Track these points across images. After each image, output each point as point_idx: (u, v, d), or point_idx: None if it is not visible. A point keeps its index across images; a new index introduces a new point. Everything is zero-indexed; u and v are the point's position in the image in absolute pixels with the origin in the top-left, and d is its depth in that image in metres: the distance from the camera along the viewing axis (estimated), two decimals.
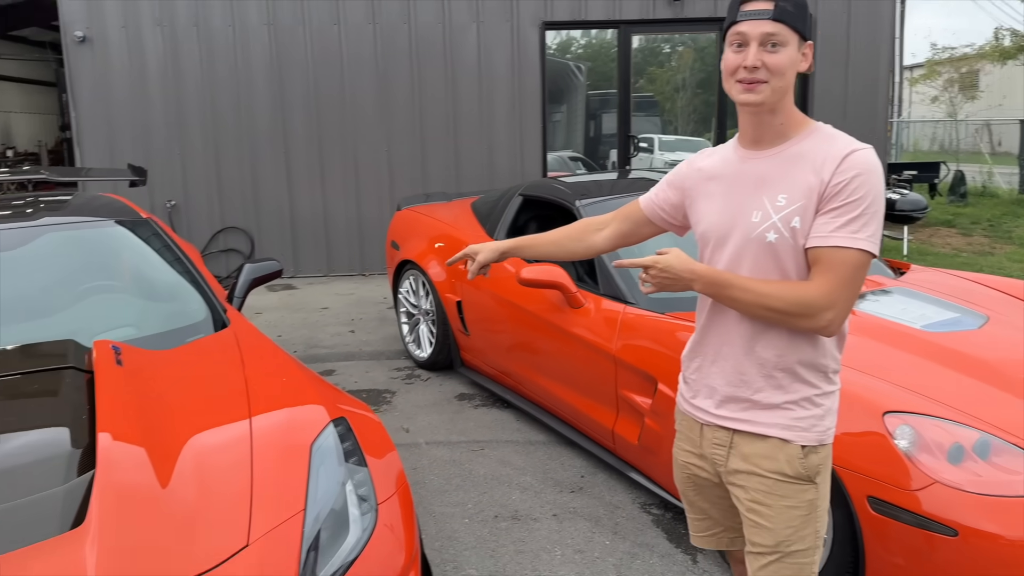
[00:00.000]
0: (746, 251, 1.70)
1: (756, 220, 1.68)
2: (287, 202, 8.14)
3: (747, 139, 1.76)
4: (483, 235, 4.78)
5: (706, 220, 1.80)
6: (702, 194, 1.82)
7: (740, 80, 1.64)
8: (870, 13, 8.35)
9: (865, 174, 1.60)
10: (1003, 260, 8.95)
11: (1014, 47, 26.15)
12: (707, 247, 1.81)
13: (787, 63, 1.64)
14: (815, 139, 1.69)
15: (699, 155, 1.91)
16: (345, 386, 4.90)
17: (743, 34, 1.63)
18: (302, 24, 7.90)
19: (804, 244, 1.64)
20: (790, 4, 1.62)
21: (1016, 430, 2.50)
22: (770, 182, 1.69)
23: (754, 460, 1.75)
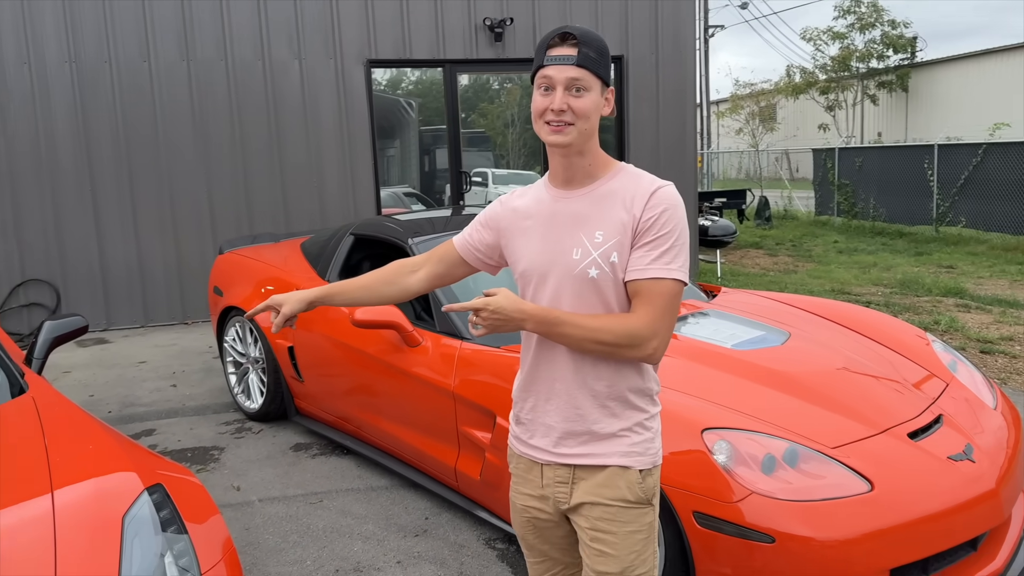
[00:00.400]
0: (568, 287, 1.74)
1: (577, 257, 1.73)
2: (96, 249, 7.56)
3: (559, 179, 1.82)
4: (314, 276, 4.66)
5: (526, 259, 1.82)
6: (519, 233, 1.85)
7: (548, 122, 1.71)
8: (675, 56, 8.97)
9: (671, 208, 1.71)
10: (805, 277, 9.81)
11: (803, 83, 29.03)
12: (528, 285, 1.83)
13: (591, 107, 1.70)
14: (622, 178, 1.77)
15: (511, 195, 1.94)
16: (167, 446, 4.58)
17: (549, 78, 1.69)
18: (108, 62, 7.43)
19: (623, 277, 1.72)
20: (592, 51, 1.69)
21: (819, 437, 2.71)
22: (586, 220, 1.75)
23: (596, 491, 1.79)
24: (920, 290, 8.76)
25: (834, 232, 14.83)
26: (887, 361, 3.38)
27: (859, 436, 2.77)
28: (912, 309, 7.68)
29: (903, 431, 2.84)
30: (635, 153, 8.98)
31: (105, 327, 7.66)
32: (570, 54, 1.68)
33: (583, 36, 1.69)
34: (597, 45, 1.70)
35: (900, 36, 28.01)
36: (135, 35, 7.46)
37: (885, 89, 29.14)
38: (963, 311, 7.62)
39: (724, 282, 9.30)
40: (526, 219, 1.85)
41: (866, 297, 8.37)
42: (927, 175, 13.75)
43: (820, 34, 28.77)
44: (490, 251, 1.96)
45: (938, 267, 10.54)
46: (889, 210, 14.64)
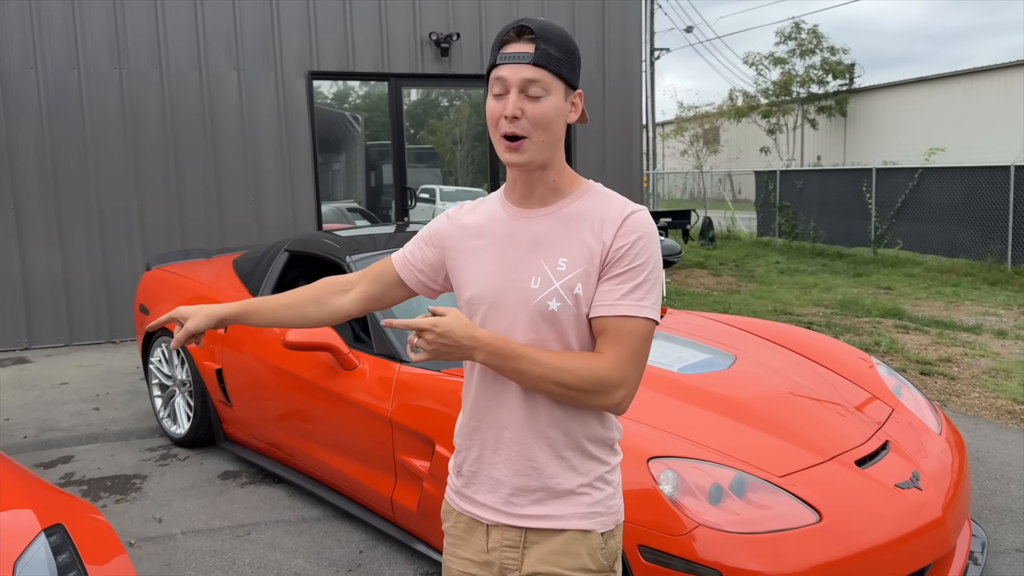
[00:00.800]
0: (524, 319, 1.51)
1: (535, 286, 1.50)
2: (17, 264, 7.18)
3: (517, 195, 1.59)
4: (245, 295, 4.44)
5: (475, 284, 1.58)
6: (468, 255, 1.61)
7: (504, 135, 1.48)
8: (622, 76, 8.99)
9: (646, 237, 1.50)
10: (748, 297, 9.88)
11: (746, 107, 29.67)
12: (476, 315, 1.58)
13: (551, 113, 1.47)
14: (591, 199, 1.56)
15: (461, 209, 1.70)
16: (85, 474, 4.29)
17: (503, 79, 1.47)
18: (34, 68, 7.09)
19: (587, 312, 1.50)
20: (554, 48, 1.46)
21: (767, 466, 2.63)
22: (548, 244, 1.53)
23: (553, 559, 1.54)
24: (860, 311, 8.88)
25: (776, 253, 15.05)
26: (833, 385, 3.33)
27: (807, 464, 2.69)
28: (853, 330, 7.76)
29: (850, 458, 2.78)
30: (581, 172, 8.93)
31: (26, 346, 7.26)
32: (526, 51, 1.45)
33: (542, 30, 1.46)
34: (560, 41, 1.47)
35: (839, 63, 28.87)
36: (64, 41, 7.15)
37: (824, 114, 29.97)
38: (902, 332, 7.74)
39: (669, 302, 9.30)
40: (477, 238, 1.61)
41: (808, 318, 8.45)
42: (865, 198, 14.06)
43: (762, 59, 29.48)
44: (434, 272, 1.71)
45: (877, 288, 10.73)
46: (829, 232, 14.93)
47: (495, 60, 1.50)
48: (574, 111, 1.54)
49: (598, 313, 1.49)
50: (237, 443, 4.40)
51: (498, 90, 1.49)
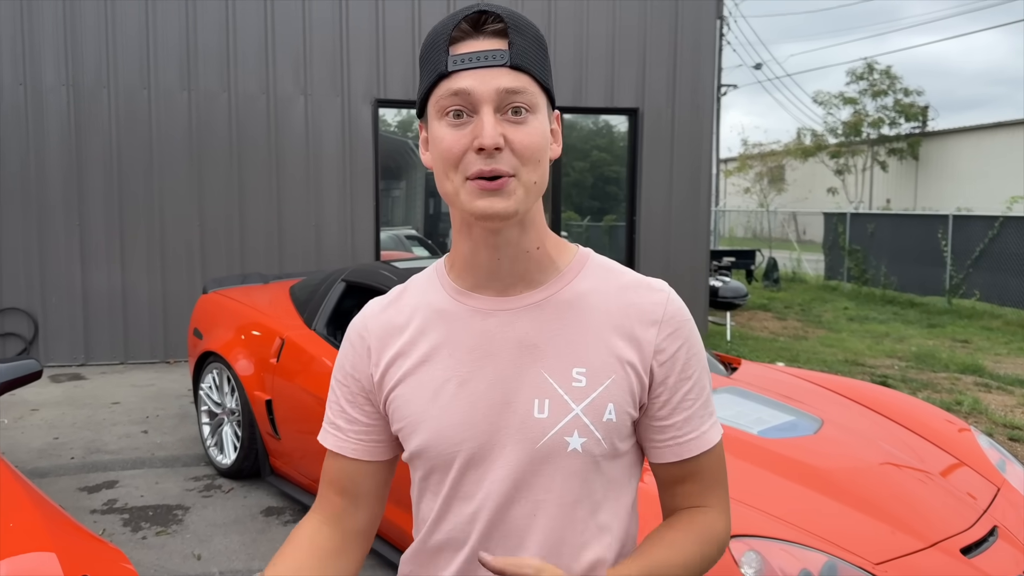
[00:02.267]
0: (532, 472, 1.01)
1: (543, 416, 1.00)
2: (79, 280, 7.24)
3: (480, 275, 1.05)
4: (300, 324, 4.31)
5: (430, 427, 1.03)
6: (408, 377, 1.06)
7: (476, 177, 0.95)
8: (692, 111, 8.76)
9: (689, 326, 1.07)
10: (816, 344, 9.45)
11: (813, 146, 29.07)
12: (441, 471, 1.04)
13: (541, 140, 0.97)
14: (592, 275, 1.07)
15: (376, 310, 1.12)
16: (128, 502, 4.18)
17: (466, 93, 0.94)
18: (106, 87, 7.20)
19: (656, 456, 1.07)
20: (531, 44, 0.97)
21: (862, 551, 2.33)
22: (548, 348, 1.02)
23: None
24: (936, 365, 8.39)
25: (844, 298, 14.50)
26: (930, 457, 3.00)
27: (906, 550, 2.39)
28: (931, 386, 7.30)
29: (955, 545, 2.46)
30: (646, 212, 8.69)
31: (82, 362, 7.29)
32: (498, 48, 0.95)
33: (511, 16, 0.97)
34: (534, 32, 0.99)
35: (912, 104, 28.09)
36: (136, 61, 7.25)
37: (895, 156, 29.14)
38: (984, 390, 7.25)
39: (733, 345, 8.94)
40: (417, 347, 1.06)
41: (881, 370, 8.00)
42: (941, 245, 13.47)
43: (832, 98, 28.87)
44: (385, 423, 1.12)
45: (953, 341, 10.18)
46: (901, 278, 14.34)
47: (445, 66, 0.95)
48: (555, 141, 1.04)
49: (686, 454, 1.05)
50: (283, 478, 4.24)
51: (457, 107, 0.95)
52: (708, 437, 1.07)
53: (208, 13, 7.35)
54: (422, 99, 1.00)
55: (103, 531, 3.81)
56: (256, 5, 7.45)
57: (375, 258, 8.01)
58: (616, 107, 8.56)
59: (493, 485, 1.02)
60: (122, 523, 3.91)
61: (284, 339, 4.14)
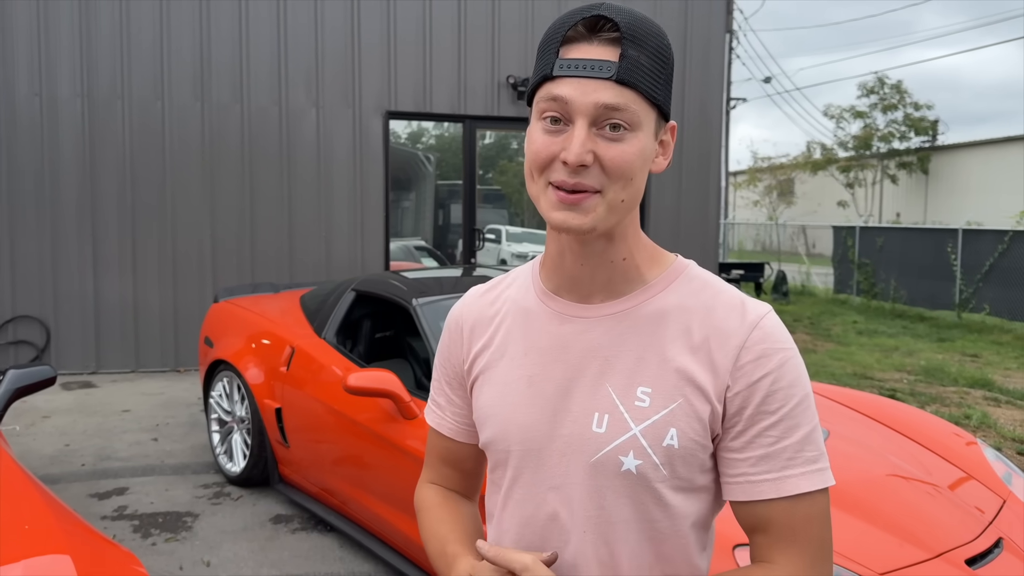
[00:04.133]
0: (579, 482, 1.00)
1: (601, 430, 0.98)
2: (91, 288, 7.31)
3: (565, 278, 1.04)
4: (310, 333, 4.35)
5: (498, 421, 1.05)
6: (489, 369, 1.08)
7: (556, 184, 0.93)
8: (701, 122, 8.80)
9: (788, 354, 0.98)
10: (825, 358, 9.43)
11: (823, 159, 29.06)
12: (501, 468, 1.07)
13: (637, 160, 0.93)
14: (682, 290, 1.03)
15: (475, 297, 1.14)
16: (138, 508, 4.22)
17: (564, 101, 0.92)
18: (120, 98, 7.29)
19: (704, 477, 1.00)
20: (647, 54, 0.93)
21: (866, 561, 2.34)
22: (617, 363, 0.99)
23: None
24: (946, 379, 8.37)
25: (853, 311, 14.47)
26: (936, 469, 3.01)
27: (911, 561, 2.39)
28: (940, 400, 7.28)
29: (960, 556, 2.46)
30: (655, 224, 8.72)
31: (93, 370, 7.35)
32: (605, 59, 0.91)
33: (631, 26, 0.92)
34: (655, 43, 0.94)
35: (922, 118, 28.07)
36: (151, 73, 7.34)
37: (905, 170, 29.10)
38: (993, 405, 7.22)
39: None
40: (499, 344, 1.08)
41: (890, 384, 7.99)
42: (950, 259, 13.43)
43: (842, 112, 28.88)
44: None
45: (962, 355, 10.15)
46: (910, 292, 14.30)
47: (550, 70, 0.92)
48: (663, 155, 1.00)
49: (753, 496, 0.96)
50: (291, 486, 4.27)
51: (553, 113, 0.93)
52: (789, 484, 0.95)
53: (221, 26, 7.44)
54: (530, 93, 0.98)
55: (113, 537, 3.85)
56: (269, 18, 7.54)
57: (385, 268, 8.06)
58: None
59: (549, 493, 1.02)
60: (132, 529, 3.95)
61: (294, 348, 4.18)
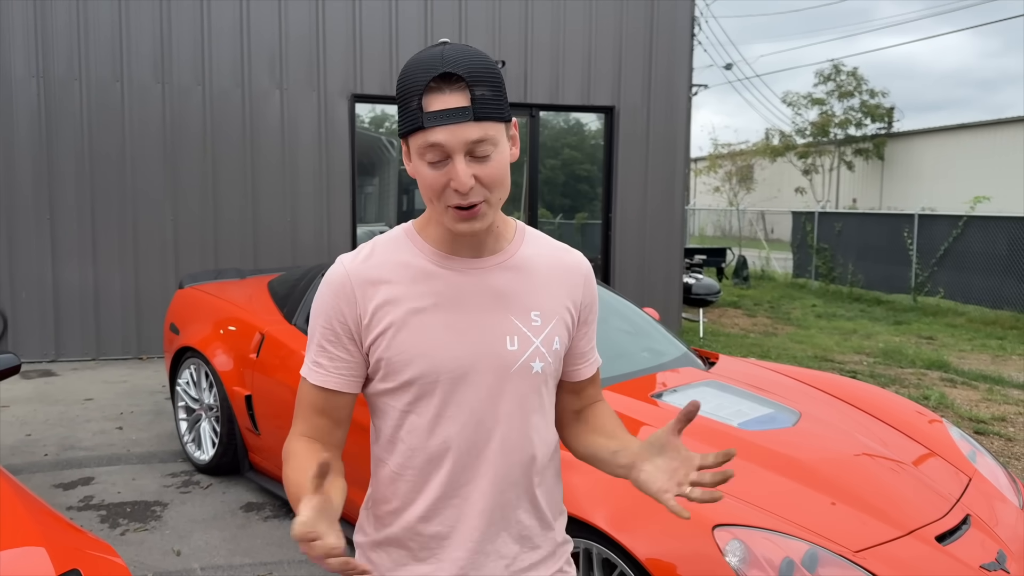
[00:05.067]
0: (504, 389, 1.30)
1: (514, 348, 1.30)
2: (49, 274, 7.12)
3: (457, 244, 1.31)
4: (280, 319, 4.29)
5: (429, 355, 1.27)
6: (402, 320, 1.27)
7: (454, 206, 1.21)
8: (667, 108, 8.84)
9: (594, 280, 1.47)
10: (786, 340, 9.60)
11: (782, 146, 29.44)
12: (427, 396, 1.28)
13: (503, 168, 1.22)
14: (532, 243, 1.39)
15: (354, 264, 1.31)
16: (104, 498, 4.14)
17: (440, 146, 1.16)
18: (78, 79, 7.09)
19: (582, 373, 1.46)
20: (487, 89, 1.18)
21: (841, 539, 2.40)
22: (513, 297, 1.32)
23: None
24: (903, 361, 8.57)
25: (812, 296, 14.73)
26: (904, 449, 3.09)
27: (884, 538, 2.46)
28: (898, 381, 7.46)
29: (930, 533, 2.54)
30: (621, 209, 8.77)
31: (53, 358, 7.18)
32: (462, 106, 1.15)
33: (471, 71, 1.16)
34: (491, 76, 1.19)
35: (878, 106, 28.58)
36: (109, 53, 7.14)
37: (861, 156, 29.63)
38: (949, 386, 7.42)
39: (706, 342, 9.05)
40: (403, 296, 1.28)
41: (850, 366, 8.16)
42: (907, 244, 13.74)
43: (800, 99, 29.27)
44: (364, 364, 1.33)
45: (918, 337, 10.40)
46: (867, 276, 14.61)
47: (421, 122, 1.17)
48: (515, 145, 1.28)
49: (591, 373, 1.47)
50: (262, 473, 4.23)
51: (434, 158, 1.18)
52: (598, 358, 1.49)
53: (182, 5, 7.27)
54: (401, 132, 1.23)
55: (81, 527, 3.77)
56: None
57: None
58: (592, 105, 8.62)
59: (476, 403, 1.29)
60: (99, 519, 3.88)
61: (264, 334, 4.12)
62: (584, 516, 2.44)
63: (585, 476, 2.54)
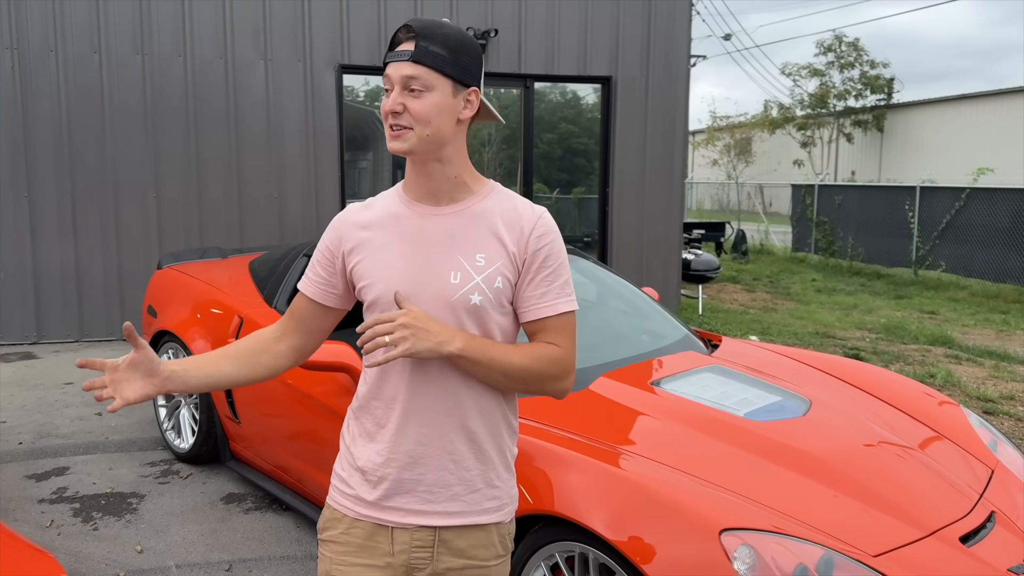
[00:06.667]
0: (444, 315, 1.53)
1: (456, 281, 1.53)
2: (29, 254, 6.89)
3: (421, 192, 1.59)
4: (259, 301, 4.08)
5: (383, 282, 1.55)
6: (371, 253, 1.59)
7: (389, 126, 1.52)
8: (667, 79, 8.57)
9: (557, 236, 1.59)
10: (787, 316, 9.42)
11: (780, 118, 29.09)
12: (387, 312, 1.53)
13: (431, 110, 1.49)
14: (495, 198, 1.60)
15: (353, 210, 1.66)
16: (79, 490, 3.95)
17: (388, 77, 1.52)
18: (53, 51, 6.80)
19: (513, 309, 1.59)
20: (436, 44, 1.49)
21: (858, 542, 2.21)
22: (462, 240, 1.55)
23: (470, 553, 1.60)
24: (906, 337, 8.40)
25: (811, 270, 14.54)
26: (921, 439, 2.90)
27: (904, 540, 2.28)
28: (902, 358, 7.29)
29: (954, 533, 2.35)
30: (619, 183, 8.53)
31: (34, 340, 6.97)
32: (406, 49, 1.49)
33: (424, 29, 1.49)
34: (444, 39, 1.49)
35: (878, 77, 28.18)
36: (85, 24, 6.85)
37: (861, 128, 29.27)
38: (954, 362, 7.26)
39: (705, 319, 8.86)
40: (379, 236, 1.59)
41: (852, 342, 7.98)
42: (908, 217, 13.53)
43: (799, 70, 28.85)
44: (346, 285, 1.65)
45: (920, 312, 10.23)
46: (868, 250, 14.41)
47: (384, 58, 1.54)
48: (469, 108, 1.55)
49: (538, 315, 1.56)
50: (243, 463, 4.04)
51: (386, 86, 1.53)
52: (558, 307, 1.56)
53: None
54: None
55: (51, 522, 3.59)
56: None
57: None
58: (589, 75, 8.35)
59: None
60: (72, 513, 3.69)
61: (243, 317, 3.92)
62: (579, 518, 2.25)
63: (581, 475, 2.35)
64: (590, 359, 3.14)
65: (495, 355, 1.51)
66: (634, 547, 2.15)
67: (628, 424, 2.70)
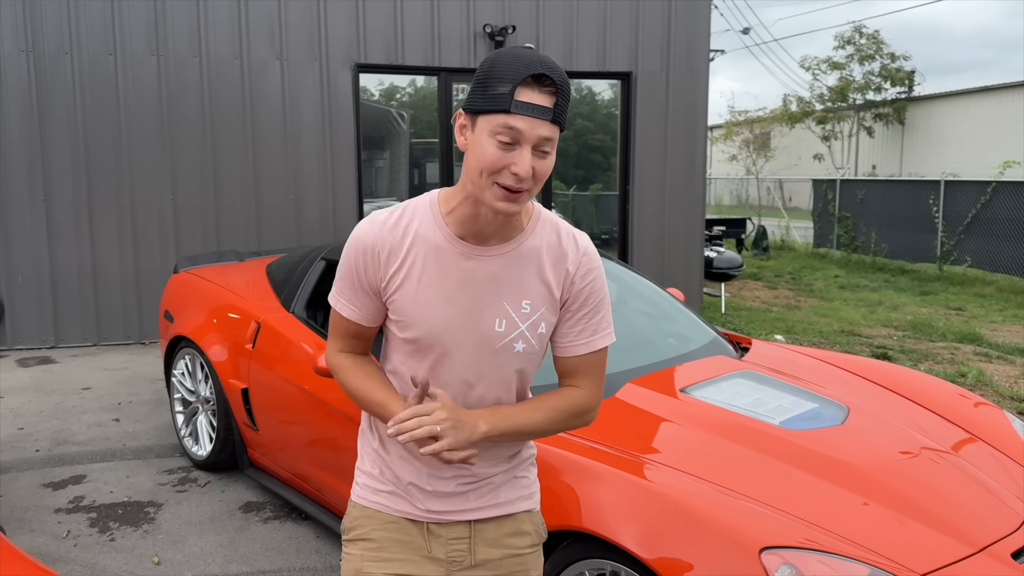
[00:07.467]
0: (487, 362, 1.51)
1: (501, 330, 1.49)
2: (46, 258, 6.87)
3: (469, 230, 1.47)
4: (277, 306, 4.01)
5: (425, 324, 1.48)
6: (409, 288, 1.49)
7: (503, 186, 1.35)
8: (687, 74, 8.44)
9: (598, 269, 1.54)
10: (810, 314, 9.25)
11: (800, 112, 28.78)
12: (424, 354, 1.51)
13: (551, 167, 1.39)
14: (540, 230, 1.52)
15: (381, 222, 1.49)
16: (96, 499, 3.90)
17: (518, 131, 1.32)
18: (68, 53, 6.77)
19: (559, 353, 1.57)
20: (565, 101, 1.36)
21: (905, 560, 2.10)
22: (508, 285, 1.49)
23: (507, 542, 1.61)
24: (934, 334, 8.22)
25: (834, 266, 14.33)
26: (965, 448, 2.77)
27: (953, 557, 2.16)
28: (931, 357, 7.12)
29: (1005, 550, 2.24)
30: (640, 180, 8.40)
31: (52, 344, 6.96)
32: (546, 106, 1.33)
33: (562, 83, 1.34)
34: (569, 92, 1.38)
35: (899, 69, 27.80)
36: (100, 25, 6.82)
37: (881, 122, 28.90)
38: (984, 360, 7.08)
39: (728, 317, 8.72)
40: (416, 268, 1.49)
41: (878, 340, 7.82)
42: (932, 211, 13.29)
43: (819, 63, 28.52)
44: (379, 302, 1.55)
45: (947, 308, 10.03)
46: (891, 245, 14.17)
47: (508, 106, 1.32)
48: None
49: (574, 352, 1.54)
50: (262, 470, 3.97)
51: (507, 139, 1.33)
52: (593, 344, 1.55)
53: None
54: (476, 108, 1.36)
55: (68, 533, 3.53)
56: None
57: None
58: (608, 71, 8.23)
59: (463, 372, 1.51)
60: (89, 523, 3.64)
61: (260, 323, 3.84)
62: (608, 535, 2.16)
63: (610, 489, 2.25)
64: (616, 365, 3.04)
65: (518, 423, 1.50)
66: (668, 566, 2.05)
67: (658, 434, 2.60)
